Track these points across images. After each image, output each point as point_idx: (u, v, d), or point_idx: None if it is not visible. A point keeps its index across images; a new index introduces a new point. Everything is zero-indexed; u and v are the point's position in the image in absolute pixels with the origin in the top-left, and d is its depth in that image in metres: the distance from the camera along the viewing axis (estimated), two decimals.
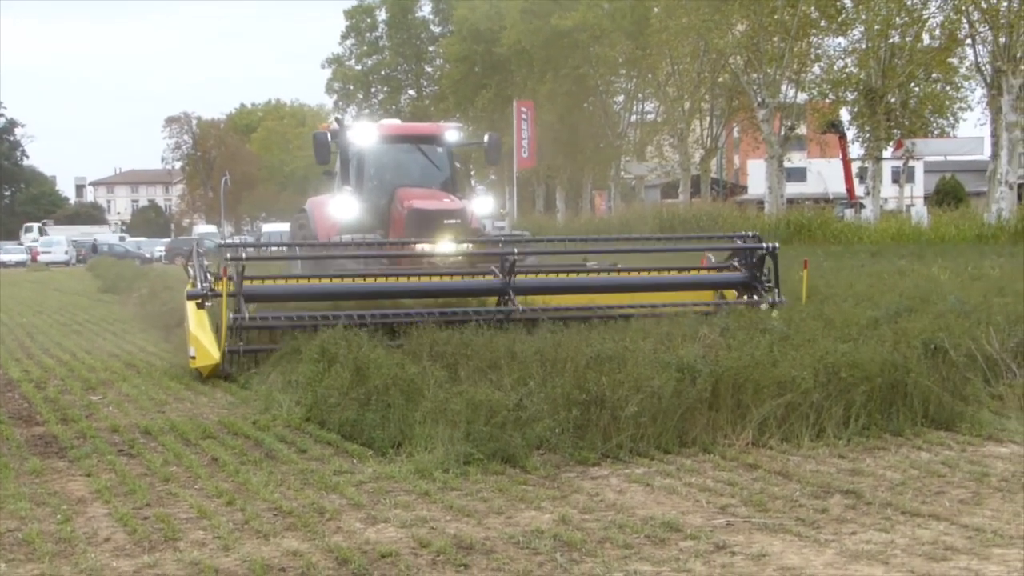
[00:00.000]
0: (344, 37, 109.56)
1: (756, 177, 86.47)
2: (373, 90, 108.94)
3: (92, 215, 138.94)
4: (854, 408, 11.87)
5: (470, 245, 19.23)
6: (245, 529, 8.69)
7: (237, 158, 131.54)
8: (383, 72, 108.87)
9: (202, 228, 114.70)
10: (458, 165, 24.16)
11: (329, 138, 21.74)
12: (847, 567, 7.53)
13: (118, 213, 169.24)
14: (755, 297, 18.52)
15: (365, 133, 22.20)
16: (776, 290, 18.39)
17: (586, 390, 11.41)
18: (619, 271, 19.57)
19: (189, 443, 12.07)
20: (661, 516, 8.80)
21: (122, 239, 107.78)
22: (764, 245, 18.84)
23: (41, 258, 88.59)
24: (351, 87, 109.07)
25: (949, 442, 11.49)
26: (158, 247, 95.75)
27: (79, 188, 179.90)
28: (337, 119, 23.26)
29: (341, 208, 21.13)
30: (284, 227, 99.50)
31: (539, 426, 11.07)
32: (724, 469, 10.51)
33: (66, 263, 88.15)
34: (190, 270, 17.86)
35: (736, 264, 19.11)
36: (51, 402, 15.00)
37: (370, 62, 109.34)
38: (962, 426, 11.97)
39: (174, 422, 13.26)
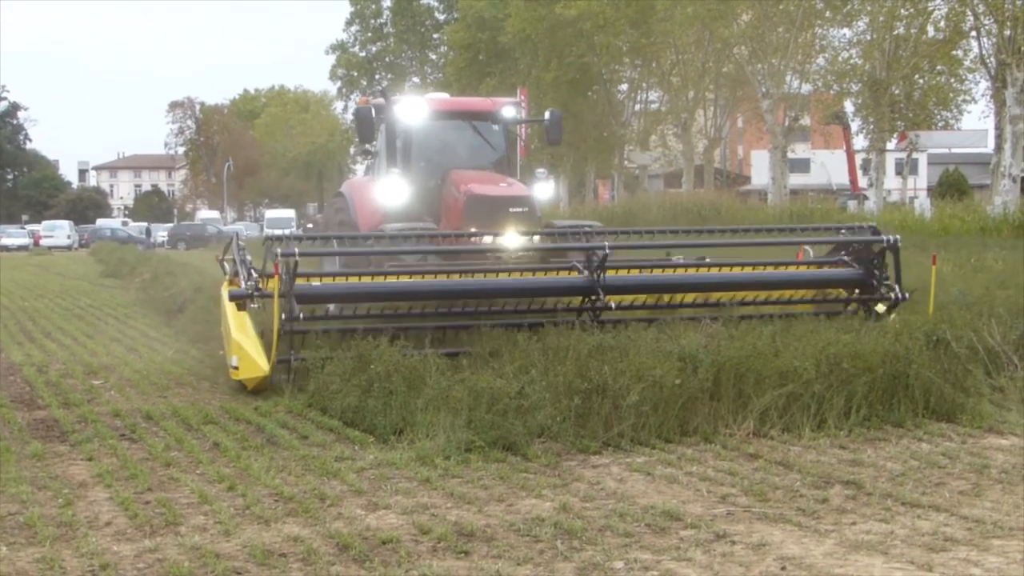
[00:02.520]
0: (348, 23, 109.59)
1: (760, 167, 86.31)
2: (377, 77, 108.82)
3: (95, 200, 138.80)
4: (855, 399, 11.90)
5: (538, 238, 16.95)
6: (246, 514, 8.71)
7: (240, 144, 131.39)
8: (387, 59, 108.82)
9: (205, 214, 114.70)
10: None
11: (373, 114, 19.29)
12: (847, 557, 7.55)
13: (121, 198, 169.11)
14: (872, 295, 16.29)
15: (413, 109, 19.59)
16: (898, 286, 16.05)
17: (588, 379, 11.44)
18: (708, 266, 16.67)
19: (191, 428, 12.11)
20: (662, 505, 8.82)
21: (125, 224, 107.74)
22: (884, 238, 16.40)
23: (44, 242, 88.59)
24: (355, 74, 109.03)
25: (950, 433, 11.51)
26: (161, 232, 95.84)
27: (82, 172, 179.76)
28: (382, 92, 20.62)
29: (389, 193, 18.86)
30: (287, 213, 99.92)
31: (540, 414, 11.10)
32: (725, 459, 10.53)
33: (68, 247, 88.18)
34: (226, 265, 15.89)
35: (846, 259, 16.74)
36: (53, 386, 15.03)
37: (374, 48, 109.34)
38: (963, 418, 11.99)
39: (176, 407, 13.30)
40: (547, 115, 20.59)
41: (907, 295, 15.99)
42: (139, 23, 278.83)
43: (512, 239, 16.57)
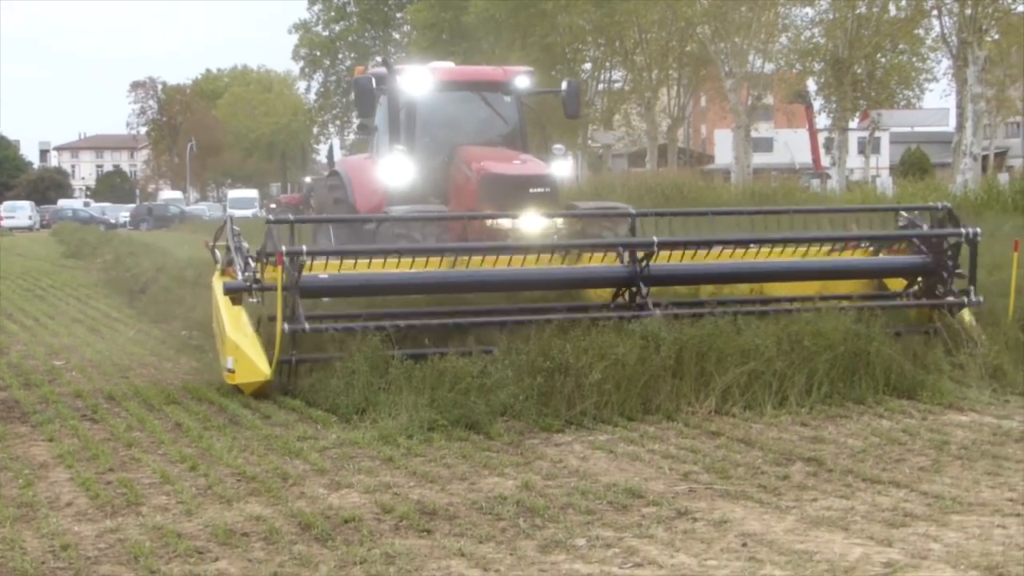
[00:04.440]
0: (311, 2, 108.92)
1: (723, 147, 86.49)
2: (340, 56, 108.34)
3: (56, 180, 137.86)
4: (817, 376, 11.93)
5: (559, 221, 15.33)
6: (208, 494, 8.70)
7: (203, 124, 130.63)
8: (350, 38, 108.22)
9: (167, 194, 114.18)
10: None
11: (374, 84, 17.57)
12: (807, 533, 7.59)
13: (83, 178, 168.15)
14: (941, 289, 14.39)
15: (418, 79, 17.84)
16: (972, 287, 14.23)
17: (550, 357, 11.44)
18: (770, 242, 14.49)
19: (152, 408, 12.06)
20: (624, 482, 8.84)
21: (86, 204, 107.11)
22: (962, 230, 14.38)
23: (4, 223, 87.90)
24: (318, 53, 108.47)
25: (910, 410, 11.57)
26: (123, 213, 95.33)
27: (43, 153, 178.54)
28: (385, 61, 18.71)
29: (393, 172, 17.14)
30: (250, 193, 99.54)
31: (503, 393, 11.11)
32: (687, 436, 10.56)
33: (30, 228, 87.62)
34: (217, 253, 14.11)
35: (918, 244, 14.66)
36: (14, 367, 14.94)
37: (337, 28, 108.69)
38: (923, 394, 12.05)
39: (138, 387, 13.25)
40: (564, 85, 19.18)
41: (981, 300, 14.12)
42: (101, 2, 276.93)
43: (533, 222, 15.02)
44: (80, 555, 7.32)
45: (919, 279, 14.65)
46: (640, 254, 13.50)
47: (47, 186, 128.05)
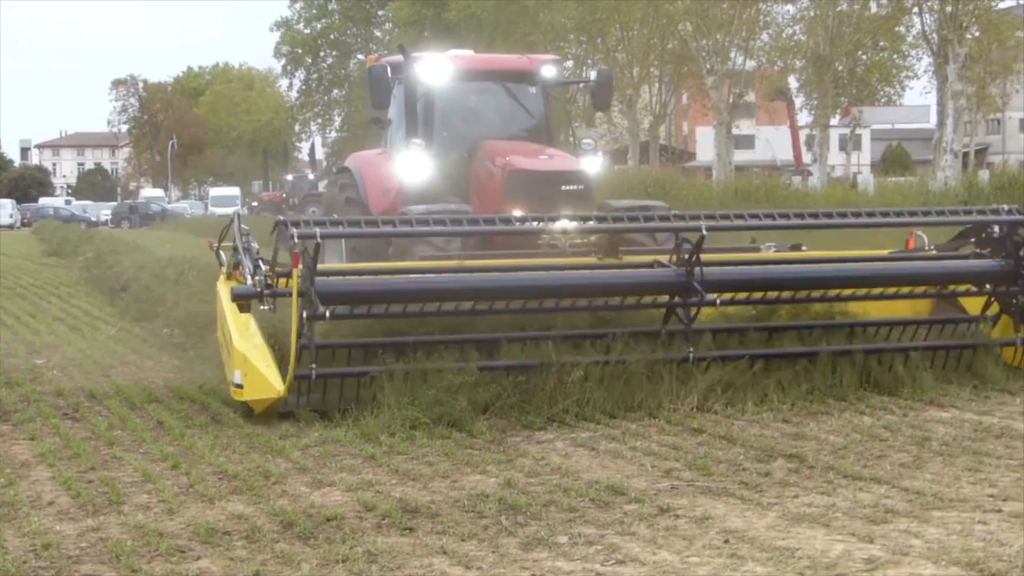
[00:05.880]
0: (293, 0, 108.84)
1: (705, 144, 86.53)
2: (322, 54, 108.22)
3: (37, 178, 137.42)
4: (798, 373, 11.94)
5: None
6: (190, 493, 8.68)
7: (184, 121, 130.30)
8: (332, 36, 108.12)
9: (149, 192, 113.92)
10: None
11: (389, 73, 16.47)
12: (789, 529, 7.60)
13: (64, 176, 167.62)
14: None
15: (437, 68, 16.61)
16: None
17: (532, 355, 11.43)
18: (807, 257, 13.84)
19: (134, 407, 12.03)
20: (606, 480, 8.84)
21: (68, 202, 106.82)
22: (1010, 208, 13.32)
23: None
24: (299, 51, 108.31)
25: (891, 407, 11.58)
26: (104, 211, 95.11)
27: (24, 151, 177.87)
28: (402, 48, 17.32)
29: (410, 168, 16.09)
30: (232, 191, 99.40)
31: (485, 391, 11.09)
32: (669, 433, 10.56)
33: (10, 226, 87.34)
34: (223, 255, 12.84)
35: (979, 248, 13.39)
36: None
37: (319, 25, 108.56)
38: (904, 391, 12.05)
39: (119, 386, 13.21)
40: (594, 75, 18.36)
41: None
42: (84, 0, 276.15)
43: (566, 223, 13.23)
44: (62, 554, 7.30)
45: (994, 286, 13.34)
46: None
47: (28, 184, 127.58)
